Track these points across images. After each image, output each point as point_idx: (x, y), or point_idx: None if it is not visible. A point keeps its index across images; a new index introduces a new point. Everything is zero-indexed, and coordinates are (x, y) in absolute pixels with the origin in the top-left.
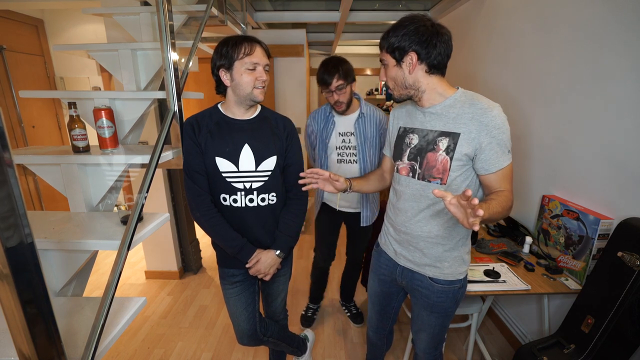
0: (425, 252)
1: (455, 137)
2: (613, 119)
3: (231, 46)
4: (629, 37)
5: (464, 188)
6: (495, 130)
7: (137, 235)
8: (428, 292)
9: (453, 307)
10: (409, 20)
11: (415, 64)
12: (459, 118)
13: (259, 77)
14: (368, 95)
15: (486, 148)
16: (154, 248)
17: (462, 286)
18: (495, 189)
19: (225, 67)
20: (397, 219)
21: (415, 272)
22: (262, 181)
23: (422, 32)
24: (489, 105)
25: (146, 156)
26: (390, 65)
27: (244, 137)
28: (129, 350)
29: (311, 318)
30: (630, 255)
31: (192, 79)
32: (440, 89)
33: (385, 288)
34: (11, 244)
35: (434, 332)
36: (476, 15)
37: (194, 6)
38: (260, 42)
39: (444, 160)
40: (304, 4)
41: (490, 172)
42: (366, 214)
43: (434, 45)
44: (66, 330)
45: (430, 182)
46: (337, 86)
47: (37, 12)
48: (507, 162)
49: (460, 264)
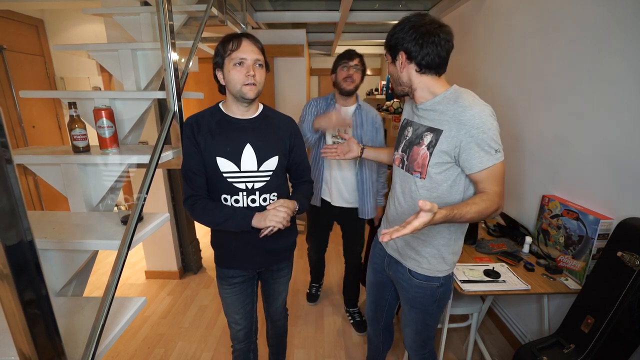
0: (409, 243)
1: (438, 133)
2: (613, 119)
3: (221, 43)
4: (630, 37)
5: (446, 186)
6: (474, 130)
7: (137, 235)
8: (407, 286)
9: (433, 306)
10: (407, 19)
11: (404, 63)
12: (442, 115)
13: (248, 73)
14: (368, 95)
15: (465, 147)
16: (154, 248)
17: (441, 285)
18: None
19: (219, 65)
20: (389, 207)
21: (398, 264)
22: (264, 181)
23: (413, 31)
24: (470, 104)
25: (146, 156)
26: (388, 62)
27: (246, 137)
28: (129, 350)
29: (315, 295)
30: (630, 255)
31: (192, 79)
32: (433, 88)
33: (378, 277)
34: (11, 243)
35: (416, 328)
36: (476, 16)
37: (194, 6)
38: (250, 36)
39: (424, 154)
40: (304, 4)
41: (473, 172)
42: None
43: (421, 46)
44: (66, 330)
45: (412, 175)
46: (355, 65)
47: (37, 12)
48: (492, 162)
49: (440, 262)
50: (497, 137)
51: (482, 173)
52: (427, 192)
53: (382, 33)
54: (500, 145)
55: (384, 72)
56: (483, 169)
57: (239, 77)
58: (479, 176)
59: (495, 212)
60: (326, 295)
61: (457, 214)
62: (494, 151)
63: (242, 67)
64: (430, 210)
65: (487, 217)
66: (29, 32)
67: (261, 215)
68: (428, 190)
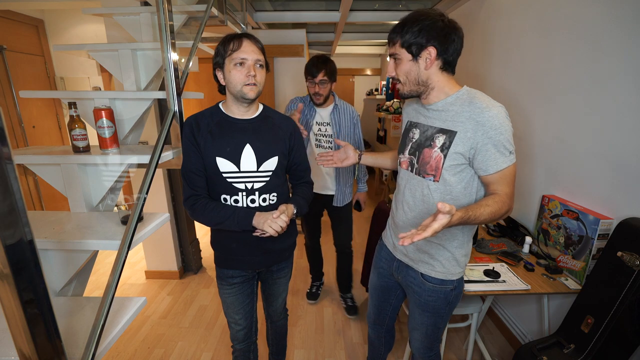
0: (420, 247)
1: (452, 135)
2: (613, 119)
3: (222, 43)
4: (629, 37)
5: (460, 188)
6: (492, 131)
7: (137, 235)
8: (420, 290)
9: (445, 309)
10: (423, 15)
11: (433, 59)
12: (457, 116)
13: (248, 73)
14: (368, 95)
15: (482, 149)
16: (154, 248)
17: (455, 288)
18: (493, 191)
19: (220, 65)
20: (397, 211)
21: (409, 268)
22: (263, 181)
23: (440, 27)
24: (487, 105)
25: (146, 156)
26: (405, 60)
27: (246, 137)
28: (129, 350)
29: (316, 293)
30: (630, 255)
31: (192, 79)
32: (447, 88)
33: (383, 282)
34: (11, 243)
35: (426, 331)
36: (476, 15)
37: (194, 6)
38: (251, 37)
39: (437, 157)
40: (304, 4)
41: (488, 174)
42: (338, 196)
43: (452, 41)
44: (66, 330)
45: (424, 178)
46: (321, 80)
47: (37, 12)
48: (506, 163)
49: (454, 265)
50: (512, 138)
51: (496, 175)
52: (441, 195)
53: (382, 33)
54: (513, 146)
55: (384, 72)
56: (498, 171)
57: (239, 77)
58: (493, 178)
59: (506, 213)
60: (326, 295)
61: (472, 216)
62: (509, 152)
63: (243, 67)
64: (449, 212)
65: (498, 219)
66: (29, 32)
67: (261, 217)
68: (442, 193)
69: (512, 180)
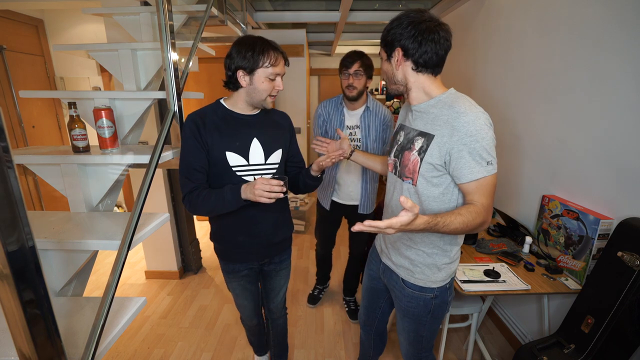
0: (402, 252)
1: (430, 138)
2: (613, 119)
3: (258, 52)
4: (629, 37)
5: (437, 193)
6: (467, 138)
7: (137, 235)
8: (400, 295)
9: (427, 317)
10: (406, 14)
11: (400, 59)
12: (436, 119)
13: (277, 87)
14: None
15: (456, 155)
16: (154, 248)
17: (436, 297)
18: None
19: (247, 70)
20: (385, 214)
21: (392, 272)
22: (270, 173)
23: (412, 27)
24: (465, 110)
25: (146, 156)
26: (384, 59)
27: (252, 132)
28: (129, 350)
29: (317, 297)
30: (630, 255)
31: (192, 79)
32: (428, 89)
33: (373, 284)
34: (11, 244)
35: (409, 337)
36: (476, 15)
37: (194, 6)
38: (283, 52)
39: (414, 160)
40: (304, 4)
41: (462, 182)
42: (365, 203)
43: (420, 43)
44: (66, 330)
45: (404, 181)
46: (356, 71)
47: (37, 12)
48: (483, 174)
49: (435, 272)
50: (491, 148)
51: (472, 184)
52: (418, 199)
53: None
54: (493, 157)
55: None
56: (473, 180)
57: (268, 88)
58: (469, 187)
59: (480, 225)
60: (327, 296)
61: (440, 222)
62: (486, 163)
63: (274, 81)
64: (411, 210)
65: (472, 231)
66: (29, 32)
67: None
68: (419, 197)
69: (490, 192)
